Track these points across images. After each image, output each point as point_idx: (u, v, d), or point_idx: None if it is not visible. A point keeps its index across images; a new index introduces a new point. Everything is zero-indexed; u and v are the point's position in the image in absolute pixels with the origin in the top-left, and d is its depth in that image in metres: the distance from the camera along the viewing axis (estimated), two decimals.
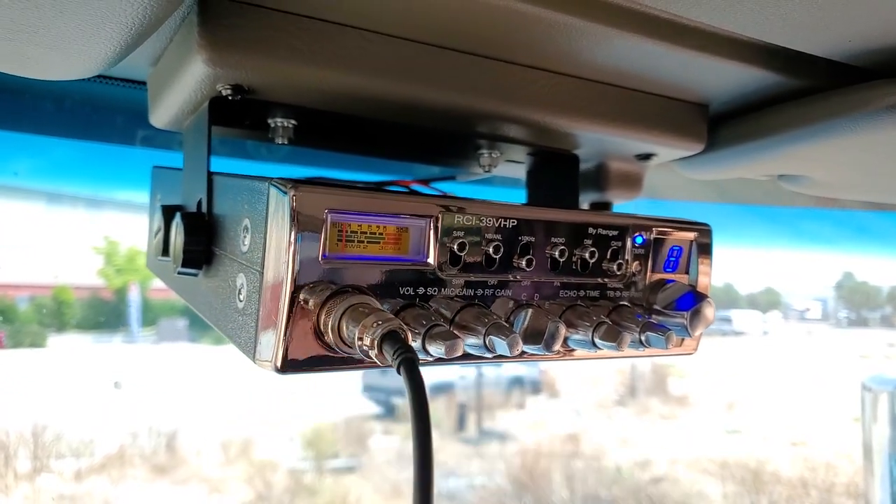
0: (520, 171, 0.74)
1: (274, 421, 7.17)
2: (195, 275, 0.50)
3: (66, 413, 6.16)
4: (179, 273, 0.50)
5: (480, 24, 0.47)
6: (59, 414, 6.06)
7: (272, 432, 6.96)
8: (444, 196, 0.44)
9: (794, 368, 10.23)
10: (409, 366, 0.33)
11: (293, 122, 0.55)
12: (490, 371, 9.31)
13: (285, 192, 0.38)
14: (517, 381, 9.50)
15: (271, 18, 0.45)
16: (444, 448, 7.27)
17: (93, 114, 0.80)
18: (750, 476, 6.49)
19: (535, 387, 9.76)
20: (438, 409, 8.30)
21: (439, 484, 6.63)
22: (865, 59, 0.54)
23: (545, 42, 0.50)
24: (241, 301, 0.42)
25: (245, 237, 0.42)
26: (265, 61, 0.45)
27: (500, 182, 0.88)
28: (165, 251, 0.54)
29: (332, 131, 0.60)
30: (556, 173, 0.68)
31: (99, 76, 0.67)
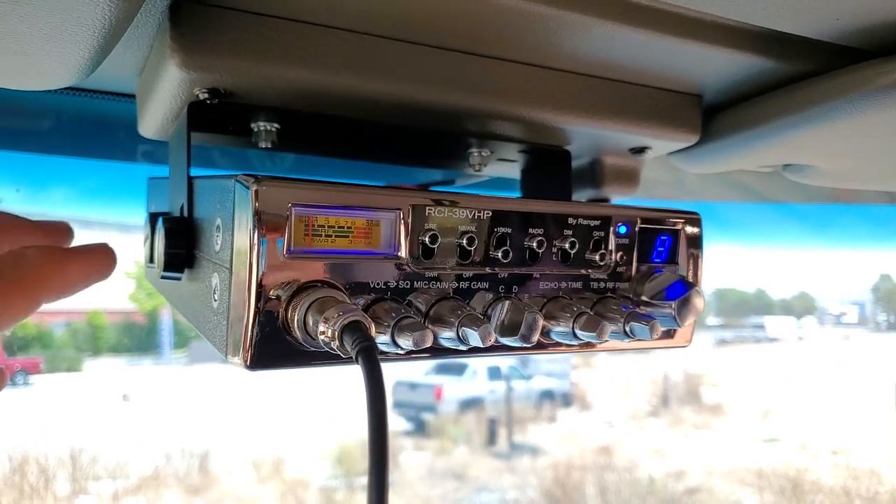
0: (515, 171, 0.74)
1: (304, 439, 7.20)
2: (178, 279, 0.50)
3: (101, 435, 6.26)
4: (163, 277, 0.50)
5: (457, 20, 0.47)
6: (95, 436, 6.16)
7: (303, 450, 6.98)
8: (415, 188, 0.44)
9: (832, 374, 10.00)
10: (367, 354, 0.32)
11: (276, 125, 0.55)
12: (520, 385, 9.24)
13: (247, 188, 0.38)
14: (547, 395, 9.42)
15: (243, 20, 0.45)
16: (475, 463, 7.22)
17: (91, 130, 0.81)
18: (789, 485, 6.34)
19: (566, 399, 9.67)
20: (469, 424, 8.26)
21: (471, 499, 6.58)
22: (857, 39, 0.53)
23: (524, 34, 0.49)
24: (215, 301, 0.42)
25: (217, 237, 0.42)
26: (239, 63, 0.45)
27: (498, 185, 0.87)
28: (151, 258, 0.55)
29: (317, 134, 0.60)
30: (549, 170, 0.67)
31: (95, 91, 0.68)
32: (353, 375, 0.32)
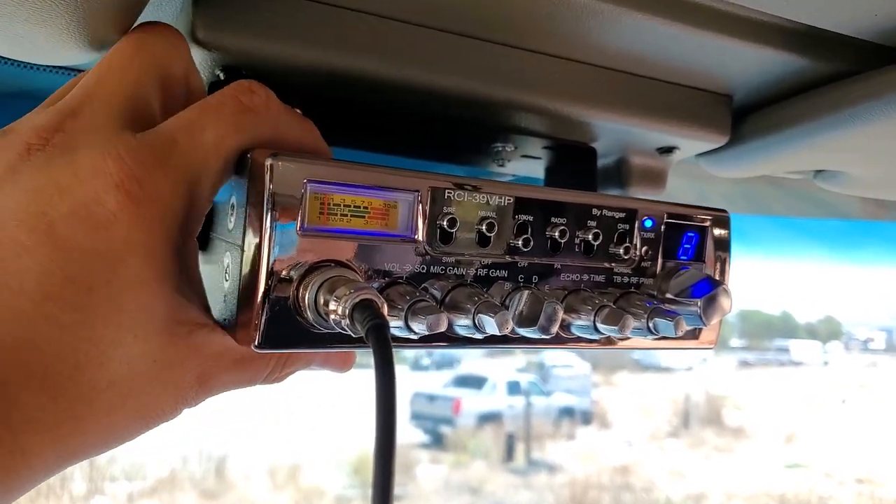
0: (539, 170, 0.72)
1: (320, 447, 7.20)
2: None
3: None
4: None
5: (485, 7, 0.46)
6: None
7: (319, 459, 6.98)
8: (435, 172, 0.43)
9: (858, 401, 9.79)
10: (377, 332, 0.31)
11: (296, 110, 0.55)
12: (540, 401, 9.16)
13: (261, 163, 0.37)
14: (567, 411, 9.32)
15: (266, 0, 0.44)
16: (491, 478, 7.16)
17: None
18: None
19: (586, 417, 9.56)
20: (486, 439, 8.20)
21: None
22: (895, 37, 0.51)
23: (552, 23, 0.48)
24: (227, 280, 0.41)
25: (231, 215, 0.41)
26: (259, 43, 0.44)
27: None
28: None
29: (338, 121, 0.60)
30: (574, 168, 0.66)
31: None
32: (373, 382, 0.31)
